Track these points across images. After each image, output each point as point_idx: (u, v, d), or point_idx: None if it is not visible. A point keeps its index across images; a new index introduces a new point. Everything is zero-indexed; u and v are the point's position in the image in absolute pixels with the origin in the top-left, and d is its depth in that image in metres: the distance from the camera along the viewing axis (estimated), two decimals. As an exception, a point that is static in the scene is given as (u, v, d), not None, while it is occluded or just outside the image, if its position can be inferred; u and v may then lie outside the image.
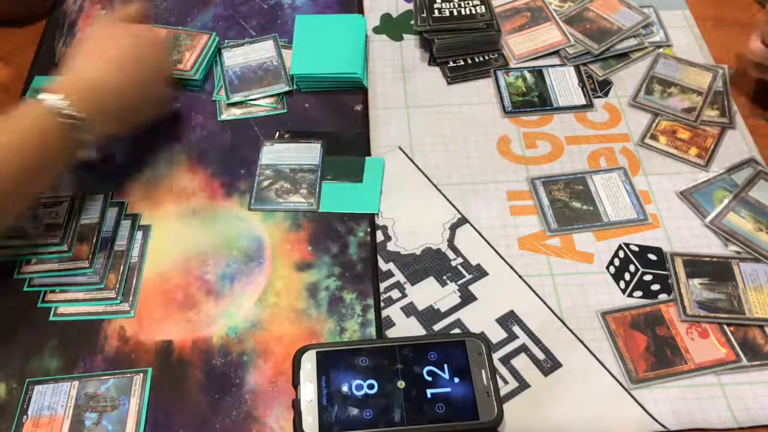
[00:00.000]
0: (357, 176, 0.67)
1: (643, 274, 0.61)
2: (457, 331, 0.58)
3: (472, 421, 0.51)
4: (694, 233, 0.63)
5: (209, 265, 0.61)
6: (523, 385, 0.55)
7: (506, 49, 0.78)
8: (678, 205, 0.65)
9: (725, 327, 0.57)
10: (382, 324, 0.58)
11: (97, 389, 0.54)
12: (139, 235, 0.63)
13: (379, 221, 0.65)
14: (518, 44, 0.78)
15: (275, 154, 0.69)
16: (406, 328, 0.58)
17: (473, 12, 0.76)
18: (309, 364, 0.53)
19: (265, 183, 0.66)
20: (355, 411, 0.51)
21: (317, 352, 0.54)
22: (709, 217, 0.64)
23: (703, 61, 0.77)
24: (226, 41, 0.79)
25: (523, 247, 0.63)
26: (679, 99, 0.73)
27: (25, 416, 0.53)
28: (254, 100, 0.73)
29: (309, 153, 0.68)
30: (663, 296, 0.59)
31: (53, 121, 0.56)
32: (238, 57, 0.77)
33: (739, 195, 0.65)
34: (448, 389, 0.52)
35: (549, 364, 0.56)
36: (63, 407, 0.53)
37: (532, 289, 0.60)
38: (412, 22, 0.81)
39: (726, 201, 0.65)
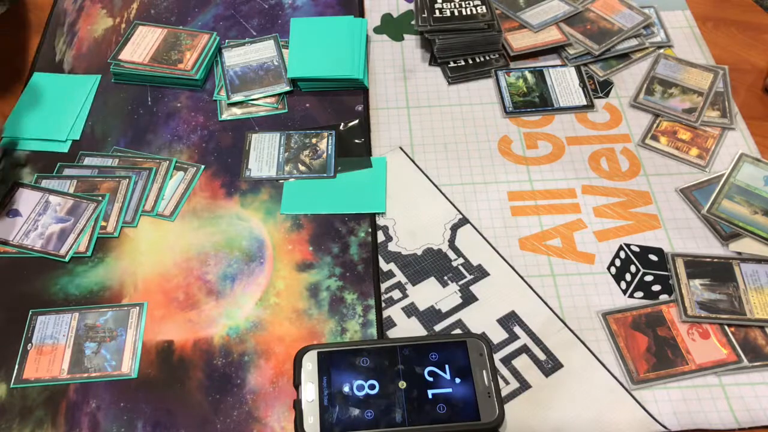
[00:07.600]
0: (366, 166, 0.67)
1: (644, 274, 0.61)
2: (458, 331, 0.58)
3: (473, 421, 0.51)
4: (695, 234, 0.63)
5: (210, 266, 0.61)
6: (525, 385, 0.55)
7: (505, 44, 0.77)
8: (679, 205, 0.65)
9: (726, 328, 0.57)
10: (383, 324, 0.58)
11: (96, 320, 0.57)
12: (139, 234, 0.64)
13: (380, 221, 0.64)
14: (517, 40, 0.78)
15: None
16: (407, 328, 0.58)
17: (474, 12, 0.76)
18: (310, 364, 0.53)
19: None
20: (356, 411, 0.51)
21: (318, 353, 0.54)
22: (706, 207, 0.64)
23: (704, 61, 0.77)
24: (226, 41, 0.79)
25: (524, 247, 0.63)
26: (679, 99, 0.73)
27: (29, 344, 0.55)
28: (255, 99, 0.73)
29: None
30: (664, 297, 0.59)
31: None
32: (238, 57, 0.77)
33: (728, 180, 0.65)
34: (449, 390, 0.52)
35: (550, 365, 0.56)
36: (65, 336, 0.56)
37: (533, 290, 0.60)
38: (413, 22, 0.81)
39: (718, 187, 0.65)
